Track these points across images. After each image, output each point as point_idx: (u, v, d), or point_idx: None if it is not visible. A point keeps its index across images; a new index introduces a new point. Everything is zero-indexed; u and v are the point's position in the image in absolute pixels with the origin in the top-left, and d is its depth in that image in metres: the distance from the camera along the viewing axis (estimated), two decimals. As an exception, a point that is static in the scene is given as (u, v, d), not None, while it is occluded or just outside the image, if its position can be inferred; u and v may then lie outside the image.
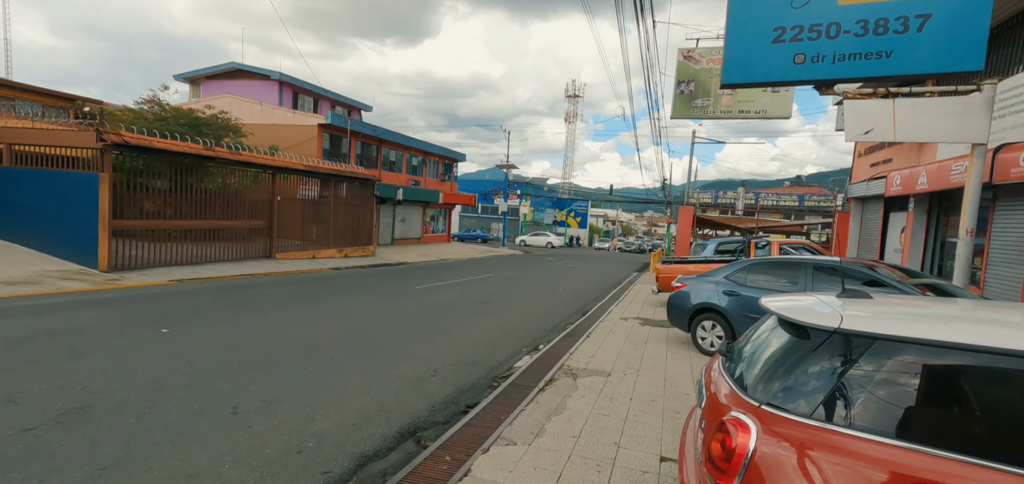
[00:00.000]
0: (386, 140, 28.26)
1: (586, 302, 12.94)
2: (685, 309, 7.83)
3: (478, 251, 32.38)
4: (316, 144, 22.77)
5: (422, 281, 14.80)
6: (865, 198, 15.29)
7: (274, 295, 10.45)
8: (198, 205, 14.56)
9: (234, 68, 26.67)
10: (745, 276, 7.36)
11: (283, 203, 17.26)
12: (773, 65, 5.69)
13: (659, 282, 12.51)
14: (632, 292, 15.19)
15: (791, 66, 5.63)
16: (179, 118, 18.34)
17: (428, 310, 9.86)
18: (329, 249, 19.46)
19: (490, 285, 14.95)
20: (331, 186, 19.58)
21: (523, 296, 13.08)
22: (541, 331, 8.85)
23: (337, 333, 7.28)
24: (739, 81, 5.99)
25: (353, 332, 7.39)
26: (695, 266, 12.31)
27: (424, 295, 11.90)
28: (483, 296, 12.43)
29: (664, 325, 9.83)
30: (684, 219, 17.85)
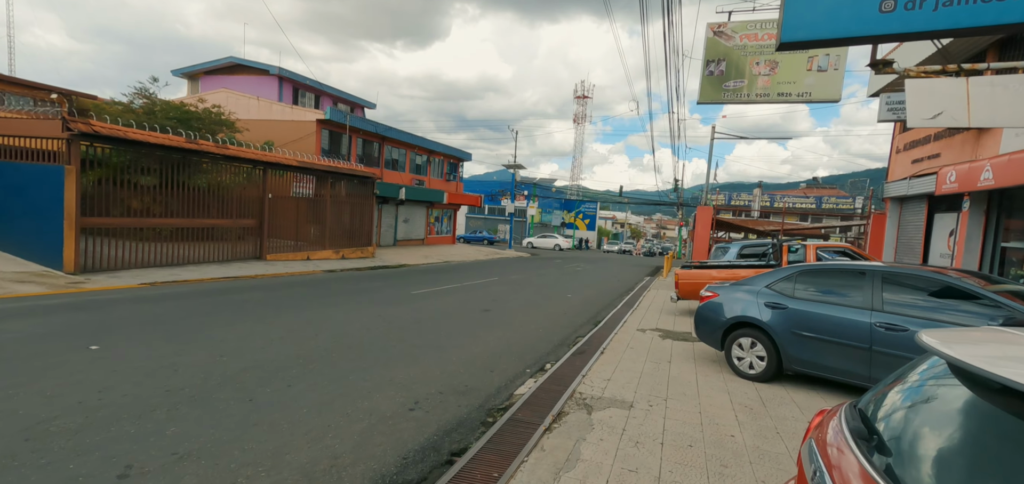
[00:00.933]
0: (388, 138, 27.28)
1: (598, 310, 11.77)
2: (718, 323, 6.65)
3: (484, 253, 31.29)
4: (314, 141, 21.82)
5: (420, 285, 13.71)
6: (904, 198, 13.96)
7: (251, 301, 9.39)
8: (185, 203, 13.61)
9: (233, 63, 25.84)
10: (792, 286, 6.16)
11: (275, 201, 16.27)
12: (850, 16, 4.50)
13: (679, 289, 11.32)
14: (647, 299, 13.99)
15: (876, 16, 4.44)
16: (169, 112, 17.44)
17: (422, 320, 8.75)
18: (325, 250, 18.45)
19: (494, 290, 13.83)
20: (327, 184, 18.58)
21: (529, 303, 11.94)
22: (548, 346, 7.70)
23: (307, 350, 6.19)
24: (803, 38, 4.82)
25: (327, 349, 6.29)
26: (722, 273, 11.10)
27: (420, 302, 10.80)
28: (485, 303, 11.31)
29: (688, 339, 8.64)
30: (702, 221, 16.56)
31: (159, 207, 13.80)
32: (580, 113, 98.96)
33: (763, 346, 6.18)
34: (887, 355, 5.11)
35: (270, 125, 22.21)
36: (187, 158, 13.58)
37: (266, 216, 15.61)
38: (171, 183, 13.30)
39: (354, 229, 20.27)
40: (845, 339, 5.41)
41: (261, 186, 15.66)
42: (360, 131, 24.81)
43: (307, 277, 13.89)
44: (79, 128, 10.15)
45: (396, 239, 29.10)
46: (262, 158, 15.01)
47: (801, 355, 5.80)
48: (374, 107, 33.37)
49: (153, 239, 13.23)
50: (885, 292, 5.37)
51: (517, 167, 44.04)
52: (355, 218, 20.34)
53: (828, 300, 5.74)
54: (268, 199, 15.69)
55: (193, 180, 14.03)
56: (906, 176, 13.54)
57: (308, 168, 17.20)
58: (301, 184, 17.75)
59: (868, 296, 5.43)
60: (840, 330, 5.46)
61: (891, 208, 14.79)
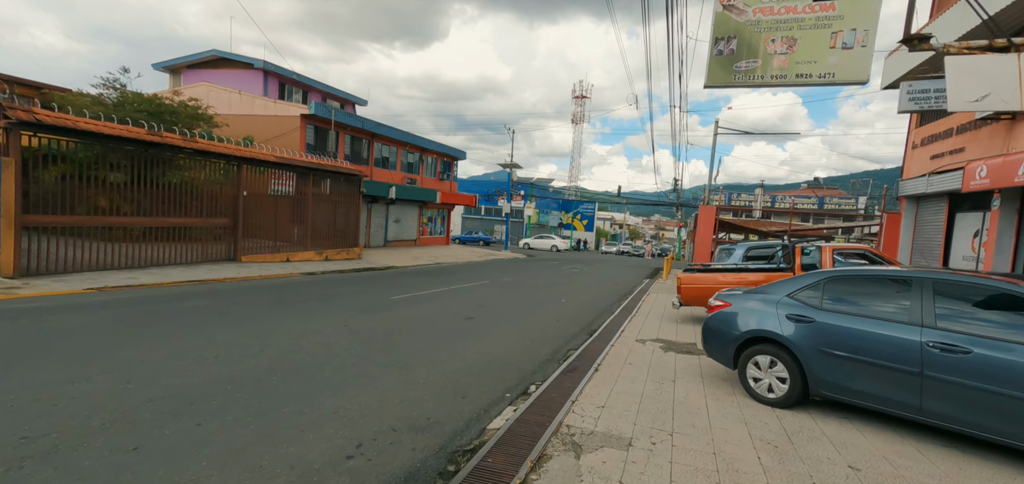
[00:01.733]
0: (379, 135, 26.31)
1: (593, 317, 10.83)
2: (730, 337, 5.71)
3: (478, 254, 30.33)
4: (299, 137, 20.84)
5: (404, 289, 12.75)
6: (922, 196, 13.05)
7: (201, 310, 8.42)
8: (153, 200, 12.66)
9: (216, 56, 24.85)
10: (820, 295, 5.22)
11: (251, 199, 15.30)
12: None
13: (682, 294, 10.39)
14: (646, 304, 13.05)
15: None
16: (139, 104, 16.45)
17: (393, 330, 7.79)
18: (307, 251, 17.47)
19: (482, 294, 12.87)
20: (309, 182, 17.60)
21: (519, 309, 10.98)
22: (535, 361, 6.75)
23: (242, 372, 5.22)
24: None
25: (267, 371, 5.32)
26: (728, 277, 10.16)
27: (397, 308, 9.84)
28: (470, 309, 10.35)
29: (693, 352, 7.70)
30: (704, 221, 15.59)
31: (129, 205, 12.86)
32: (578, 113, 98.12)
33: (785, 366, 5.24)
34: (944, 383, 4.17)
35: (252, 120, 21.24)
36: (159, 153, 12.64)
37: (241, 215, 14.63)
38: (140, 180, 12.39)
39: (339, 229, 19.30)
40: (888, 361, 4.46)
41: (235, 183, 14.68)
42: (348, 127, 23.84)
43: (280, 280, 12.92)
44: (19, 116, 9.17)
45: (387, 240, 28.13)
46: (236, 153, 14.04)
47: (832, 378, 4.86)
48: (365, 104, 32.39)
49: (118, 239, 12.30)
50: (938, 304, 4.43)
51: (513, 166, 43.09)
52: (340, 218, 19.36)
53: (866, 313, 4.80)
54: (243, 197, 14.71)
55: (164, 177, 13.10)
56: (924, 173, 12.62)
57: (287, 164, 16.22)
58: (281, 181, 16.78)
59: (917, 309, 4.49)
60: (882, 350, 4.52)
61: (907, 207, 13.88)
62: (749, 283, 9.91)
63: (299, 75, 26.58)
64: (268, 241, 16.03)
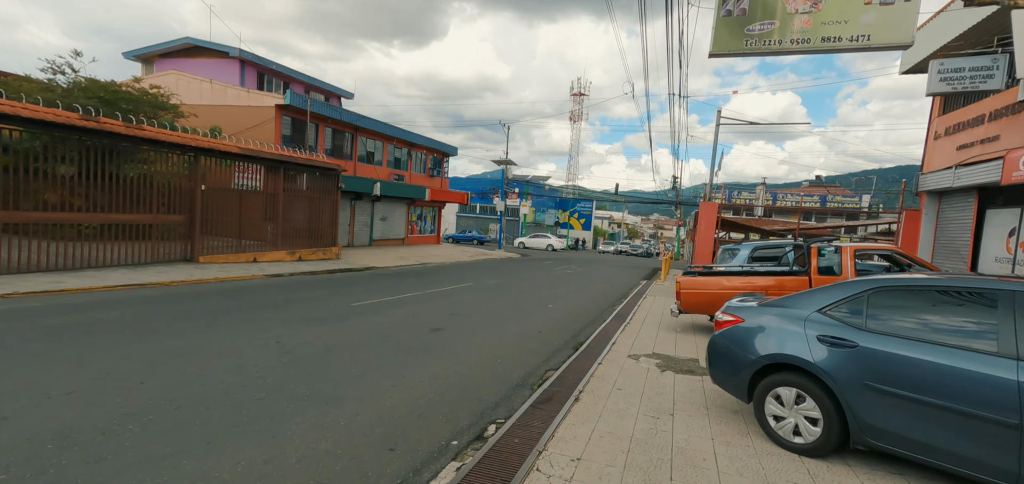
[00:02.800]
0: (363, 128, 25.04)
1: (582, 325, 9.60)
2: (744, 362, 4.49)
3: (469, 254, 29.09)
4: (273, 128, 19.57)
5: (374, 293, 11.51)
6: (946, 191, 11.84)
7: (116, 322, 7.18)
8: (103, 195, 11.46)
9: (190, 45, 23.56)
10: (863, 312, 3.99)
11: (212, 194, 14.04)
12: None
13: (681, 301, 9.17)
14: (642, 309, 11.83)
15: None
16: (94, 91, 15.17)
17: (338, 347, 6.55)
18: (278, 251, 16.21)
19: (461, 299, 11.64)
20: (281, 176, 16.34)
21: (498, 317, 9.75)
22: (502, 388, 5.51)
23: (91, 417, 3.94)
24: None
25: (130, 413, 4.04)
26: (734, 281, 8.94)
27: (356, 317, 8.59)
28: (441, 318, 9.11)
29: (695, 371, 6.49)
30: (705, 218, 14.33)
31: (81, 200, 11.66)
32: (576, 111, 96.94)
33: (816, 403, 4.01)
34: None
35: (224, 111, 19.97)
36: (113, 144, 11.45)
37: (198, 211, 13.35)
38: (90, 173, 11.23)
39: (314, 227, 18.04)
40: (970, 406, 3.24)
41: (191, 176, 13.41)
42: (328, 120, 22.56)
43: (235, 284, 11.66)
44: (-86, 95, 7.91)
45: (372, 239, 26.87)
46: (191, 143, 12.76)
47: (883, 424, 3.64)
48: (351, 97, 31.14)
49: (69, 238, 11.17)
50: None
51: (508, 163, 41.85)
52: (316, 215, 18.10)
53: (931, 337, 3.57)
54: (201, 191, 13.45)
55: (120, 170, 11.91)
56: (950, 165, 11.41)
57: (253, 157, 14.95)
58: (248, 176, 15.51)
59: (1009, 334, 3.26)
60: (959, 390, 3.29)
61: (928, 204, 12.67)
62: (758, 288, 8.70)
63: (280, 65, 25.31)
64: (232, 240, 14.77)
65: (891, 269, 8.94)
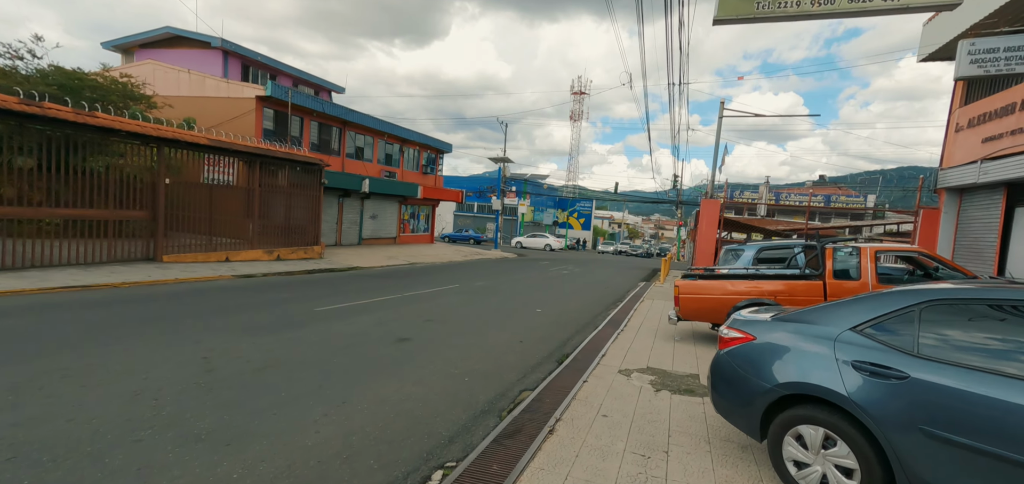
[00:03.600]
0: (351, 122, 24.12)
1: (571, 333, 8.68)
2: (755, 390, 3.59)
3: (462, 254, 28.18)
4: (254, 121, 18.66)
5: (347, 296, 10.60)
6: (969, 188, 10.90)
7: (24, 332, 6.28)
8: (63, 189, 10.61)
9: (171, 34, 22.66)
10: (914, 332, 3.07)
11: (178, 189, 13.12)
12: None
13: (681, 307, 8.26)
14: (638, 314, 10.91)
15: None
16: (55, 78, 14.26)
17: (278, 363, 5.63)
18: (254, 249, 15.30)
19: (441, 303, 10.73)
20: (257, 170, 15.43)
21: (478, 324, 8.83)
22: (462, 416, 4.59)
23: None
24: None
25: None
26: (739, 285, 8.02)
27: (315, 324, 7.68)
28: (412, 325, 8.20)
29: (697, 390, 5.58)
30: (707, 217, 13.31)
31: (39, 194, 10.81)
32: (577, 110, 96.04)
33: (851, 448, 3.10)
34: None
35: (202, 102, 19.07)
36: (76, 135, 10.60)
37: (161, 206, 12.43)
38: (51, 166, 10.44)
39: (295, 225, 17.13)
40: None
41: (154, 168, 12.48)
42: (314, 113, 21.64)
43: (195, 287, 10.75)
44: None
45: (361, 237, 25.96)
46: (153, 132, 11.84)
47: (948, 482, 2.72)
48: (342, 92, 30.23)
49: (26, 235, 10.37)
50: None
51: (504, 161, 40.92)
52: (297, 212, 17.20)
53: (1017, 370, 2.65)
54: (165, 185, 12.52)
55: (85, 163, 11.06)
56: (974, 159, 10.47)
57: (224, 149, 14.03)
58: (220, 169, 14.61)
59: None
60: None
61: (947, 201, 11.73)
62: (765, 293, 7.80)
63: (266, 57, 24.41)
64: (203, 238, 13.86)
65: (915, 274, 8.02)
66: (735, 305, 7.90)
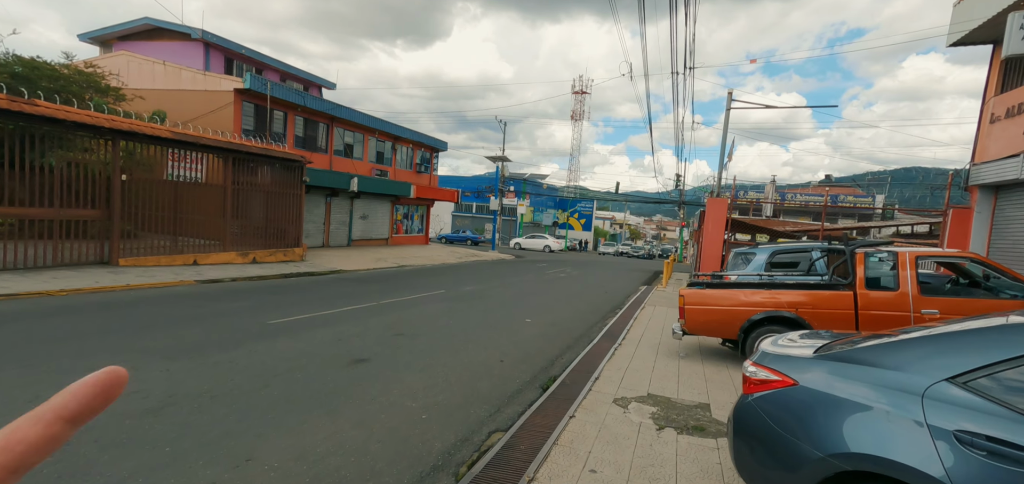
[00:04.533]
0: (339, 118, 23.09)
1: (562, 348, 7.61)
2: (801, 457, 2.52)
3: (457, 256, 27.12)
4: (233, 115, 17.62)
5: (311, 306, 9.55)
6: (1006, 185, 9.80)
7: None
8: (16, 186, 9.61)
9: (150, 26, 21.66)
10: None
11: (138, 186, 12.08)
12: None
13: (687, 319, 7.19)
14: (639, 323, 9.83)
15: None
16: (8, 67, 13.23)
17: (186, 397, 4.57)
18: (226, 252, 14.26)
19: (418, 312, 9.67)
20: (229, 167, 14.40)
21: (455, 338, 7.76)
22: (405, 476, 3.51)
23: None
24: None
25: None
26: (755, 295, 6.95)
27: (257, 343, 6.61)
28: (376, 342, 7.13)
29: (708, 428, 4.51)
30: (714, 216, 12.08)
31: None
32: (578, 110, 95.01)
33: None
34: None
35: (179, 96, 18.06)
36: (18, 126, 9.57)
37: (117, 205, 11.39)
38: None
39: (274, 226, 16.09)
40: None
41: (108, 163, 11.42)
42: (299, 108, 20.59)
43: (142, 294, 9.70)
44: None
45: (351, 238, 24.92)
46: (106, 123, 10.80)
47: None
48: (333, 87, 29.20)
49: None
50: None
51: (502, 159, 39.88)
52: (275, 212, 16.16)
53: None
54: (122, 181, 11.48)
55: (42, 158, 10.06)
56: (1015, 152, 9.36)
57: (191, 143, 12.98)
58: (188, 165, 13.57)
59: None
60: None
61: (980, 200, 10.62)
62: (784, 305, 6.73)
63: (250, 50, 23.38)
64: (167, 239, 12.82)
65: (958, 283, 6.92)
66: (749, 319, 6.84)
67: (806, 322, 6.63)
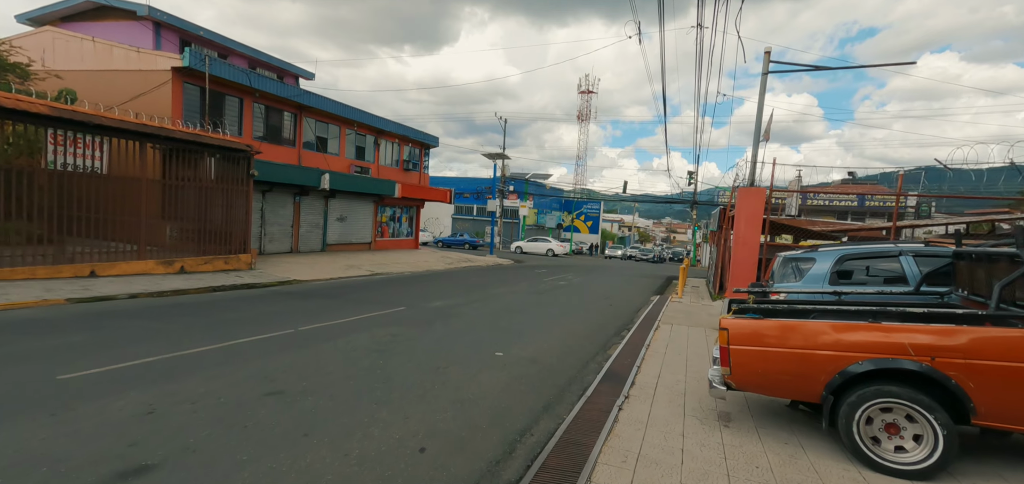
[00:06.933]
0: (309, 107, 20.43)
1: (530, 413, 4.72)
2: None
3: (447, 261, 24.36)
4: (170, 98, 14.98)
5: (186, 340, 6.81)
6: None
7: None
8: None
9: (94, 5, 19.16)
10: None
11: (11, 176, 9.45)
12: None
13: (733, 365, 4.36)
14: (653, 355, 6.92)
15: None
16: None
17: None
18: (143, 260, 11.59)
19: (341, 347, 6.89)
20: (149, 157, 11.75)
21: (359, 396, 4.94)
22: None
23: None
24: None
25: None
26: (855, 334, 4.08)
27: (49, 416, 3.86)
28: (216, 414, 4.34)
29: None
30: (748, 212, 9.05)
31: None
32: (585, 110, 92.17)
33: None
34: None
35: (110, 77, 15.50)
36: None
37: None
38: None
39: (212, 228, 13.43)
40: None
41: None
42: (257, 93, 17.92)
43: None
44: None
45: (325, 243, 22.24)
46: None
47: None
48: (311, 77, 26.64)
49: None
50: None
51: (501, 157, 37.13)
52: (214, 212, 13.50)
53: None
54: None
55: None
56: None
57: (81, 122, 10.30)
58: (84, 152, 10.93)
59: None
60: None
61: None
62: (906, 349, 3.90)
63: (211, 32, 20.85)
64: (46, 248, 10.15)
65: None
66: (844, 371, 4.00)
67: (951, 381, 3.78)
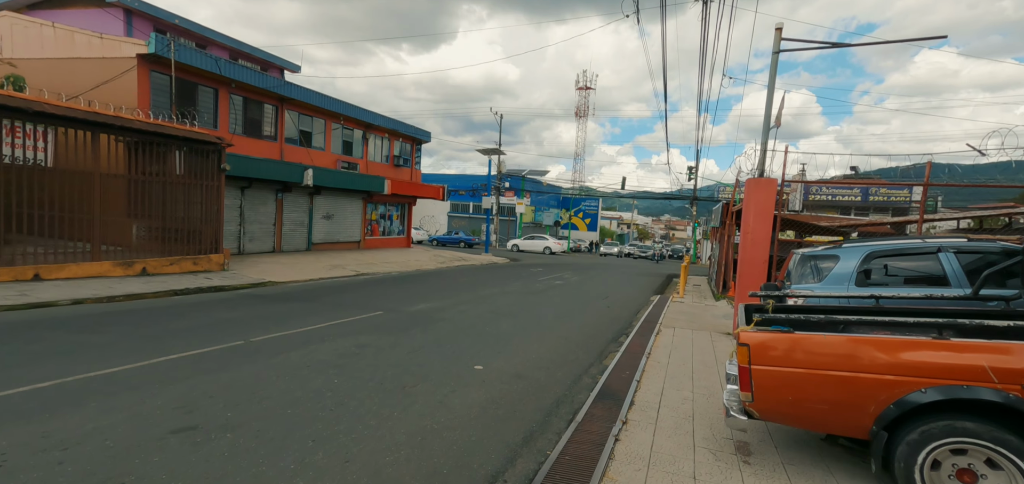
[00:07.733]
0: (291, 99, 19.47)
1: (505, 450, 3.78)
2: None
3: (439, 260, 23.45)
4: (136, 88, 14.01)
5: (107, 357, 5.89)
6: None
7: None
8: None
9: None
10: None
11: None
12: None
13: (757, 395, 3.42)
14: (654, 365, 5.98)
15: None
16: None
17: None
18: (98, 261, 10.65)
19: (294, 362, 5.97)
20: (106, 149, 10.81)
21: (293, 429, 4.02)
22: None
23: None
24: None
25: None
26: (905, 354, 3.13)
27: None
28: (111, 460, 3.42)
29: None
30: (758, 205, 8.20)
31: None
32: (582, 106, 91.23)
33: None
34: None
35: (72, 65, 14.53)
36: None
37: None
38: None
39: (180, 226, 12.48)
40: None
41: None
42: (233, 84, 16.94)
43: None
44: None
45: (311, 242, 21.30)
46: None
47: None
48: (298, 70, 25.67)
49: None
50: None
51: (496, 152, 36.21)
52: (182, 208, 12.55)
53: None
54: None
55: None
56: None
57: (22, 110, 9.35)
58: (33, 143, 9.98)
59: None
60: None
61: None
62: (984, 374, 2.96)
63: (188, 21, 19.86)
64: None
65: None
66: (902, 399, 3.10)
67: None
